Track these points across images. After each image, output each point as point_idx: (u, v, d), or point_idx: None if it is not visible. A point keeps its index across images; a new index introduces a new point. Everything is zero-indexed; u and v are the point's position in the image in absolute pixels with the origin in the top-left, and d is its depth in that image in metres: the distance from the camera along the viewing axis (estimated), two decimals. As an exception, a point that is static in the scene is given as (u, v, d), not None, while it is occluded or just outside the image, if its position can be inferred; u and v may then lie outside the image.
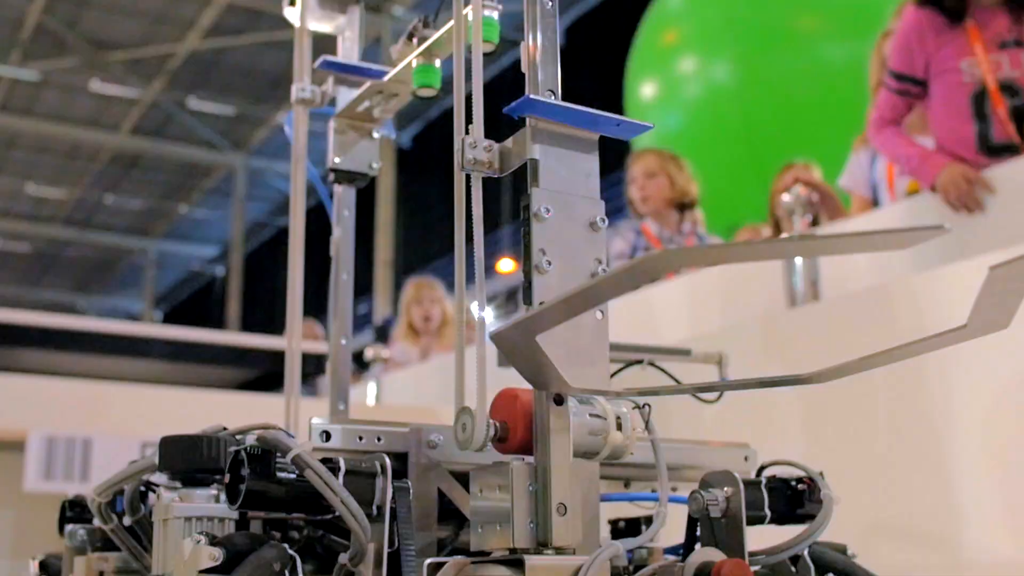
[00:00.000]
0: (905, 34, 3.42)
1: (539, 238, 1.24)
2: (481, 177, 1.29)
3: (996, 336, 2.18)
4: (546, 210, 1.25)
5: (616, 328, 1.30)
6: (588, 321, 1.26)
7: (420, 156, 15.93)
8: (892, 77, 3.45)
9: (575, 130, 1.30)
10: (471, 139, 1.28)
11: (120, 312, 25.10)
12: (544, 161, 1.27)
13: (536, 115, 1.28)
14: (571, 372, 1.19)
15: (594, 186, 1.30)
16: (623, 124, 1.31)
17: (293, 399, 1.80)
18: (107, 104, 16.56)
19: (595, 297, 1.09)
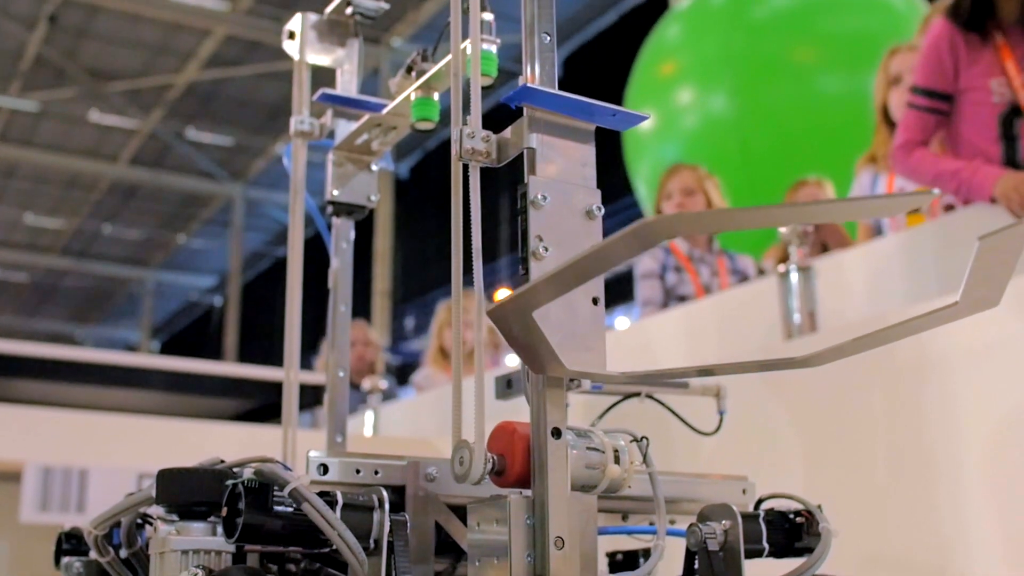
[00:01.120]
0: (935, 47, 3.32)
1: (536, 225, 1.25)
2: (479, 169, 1.30)
3: (997, 367, 2.18)
4: (543, 197, 1.26)
5: (614, 359, 1.30)
6: (584, 308, 1.27)
7: (418, 187, 15.96)
8: (920, 95, 3.34)
9: (572, 120, 1.32)
10: (469, 129, 1.30)
11: (117, 342, 25.07)
12: (541, 150, 1.28)
13: (533, 104, 1.29)
14: (568, 356, 1.19)
15: (591, 175, 1.31)
16: (619, 115, 1.33)
17: (291, 431, 1.80)
18: (106, 134, 16.60)
19: (593, 266, 1.09)
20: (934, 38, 3.33)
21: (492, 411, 1.24)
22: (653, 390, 1.74)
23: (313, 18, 2.01)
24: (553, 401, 1.23)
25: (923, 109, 3.33)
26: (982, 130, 3.25)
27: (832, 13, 6.42)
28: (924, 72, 3.35)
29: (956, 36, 3.27)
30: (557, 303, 1.21)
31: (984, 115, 3.25)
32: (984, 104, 3.25)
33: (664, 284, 4.48)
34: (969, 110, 3.29)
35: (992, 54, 3.24)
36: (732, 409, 1.85)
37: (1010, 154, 3.20)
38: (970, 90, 3.28)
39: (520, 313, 1.13)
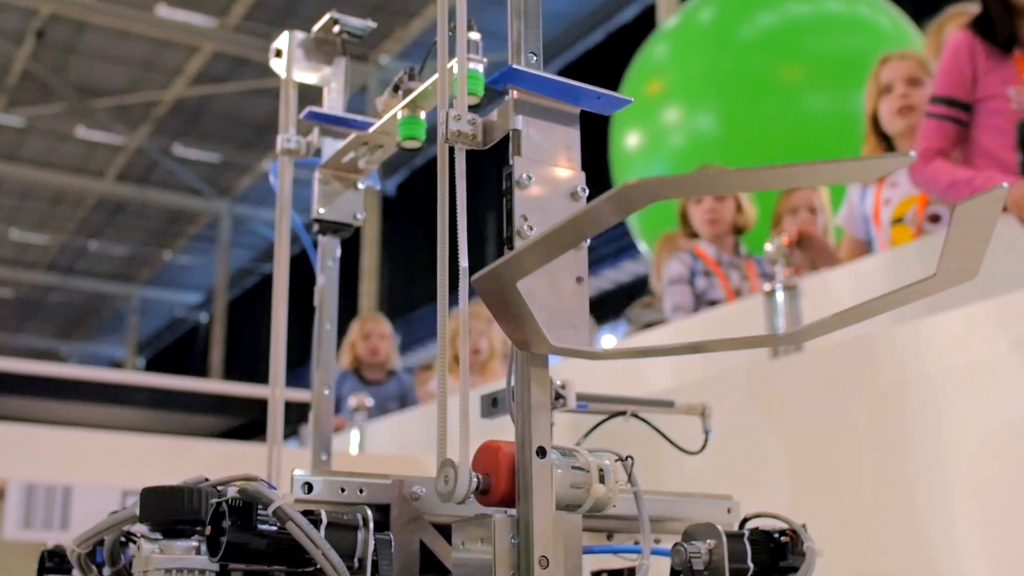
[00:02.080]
0: (954, 56, 3.33)
1: (521, 205, 1.26)
2: (465, 151, 1.31)
3: (981, 387, 2.19)
4: (528, 177, 1.27)
5: (602, 375, 1.31)
6: (568, 286, 1.27)
7: (405, 204, 15.96)
8: (941, 104, 3.34)
9: (557, 103, 1.32)
10: (455, 112, 1.30)
11: (102, 358, 25.00)
12: (526, 132, 1.29)
13: (518, 86, 1.30)
14: (552, 333, 1.20)
15: (575, 158, 1.32)
16: (603, 98, 1.34)
17: (275, 448, 1.79)
18: (92, 150, 16.59)
19: (578, 231, 1.09)
20: (954, 48, 3.35)
21: (477, 429, 1.23)
22: (638, 409, 1.74)
23: (300, 36, 2.01)
24: (537, 380, 1.23)
25: (942, 118, 3.33)
26: (999, 137, 3.26)
27: (819, 32, 6.45)
28: (943, 81, 3.36)
29: (976, 46, 3.30)
30: (542, 282, 1.23)
31: (1002, 123, 3.26)
32: (1002, 112, 3.27)
33: (694, 289, 4.42)
34: (986, 118, 3.30)
35: (1011, 65, 3.27)
36: (718, 428, 1.85)
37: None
38: (988, 98, 3.29)
39: (505, 282, 1.13)
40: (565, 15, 12.53)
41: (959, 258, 1.04)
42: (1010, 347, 2.19)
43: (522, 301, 1.15)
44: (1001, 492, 2.16)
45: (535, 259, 1.13)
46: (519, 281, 1.15)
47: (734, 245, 4.55)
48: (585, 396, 1.63)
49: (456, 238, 1.27)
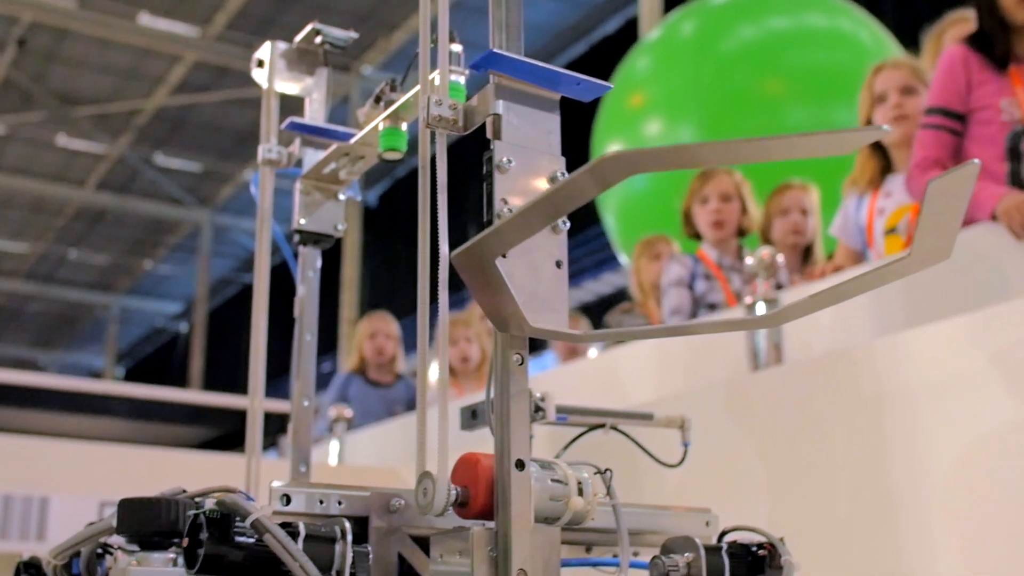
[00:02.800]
0: (950, 67, 3.36)
1: (501, 188, 1.26)
2: (446, 136, 1.31)
3: (960, 400, 2.20)
4: (508, 161, 1.27)
5: (584, 389, 1.31)
6: (548, 270, 1.28)
7: (387, 215, 15.94)
8: (937, 115, 3.36)
9: (537, 89, 1.33)
10: (436, 97, 1.31)
11: (82, 368, 24.88)
12: (507, 117, 1.30)
13: (499, 71, 1.30)
14: (532, 316, 1.20)
15: (555, 143, 1.33)
16: (583, 84, 1.34)
17: (254, 459, 1.79)
18: (73, 159, 16.52)
19: (557, 205, 1.10)
20: (949, 59, 3.38)
21: (457, 442, 1.23)
22: (617, 422, 1.74)
23: (282, 47, 2.01)
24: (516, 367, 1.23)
25: (938, 128, 3.35)
26: (989, 148, 3.27)
27: (800, 46, 6.47)
28: (938, 92, 3.39)
29: (971, 58, 3.33)
30: (521, 265, 1.23)
31: (992, 133, 3.28)
32: (993, 122, 3.29)
33: (693, 293, 4.35)
34: (978, 129, 3.32)
35: (1005, 78, 3.29)
36: (697, 441, 1.85)
37: (1016, 173, 3.22)
38: (980, 109, 3.31)
39: (485, 259, 1.13)
40: (548, 27, 12.56)
41: (932, 237, 1.05)
42: (988, 360, 2.20)
43: (501, 278, 1.15)
44: (978, 505, 2.16)
45: (515, 234, 1.14)
46: (499, 261, 1.16)
47: (737, 248, 4.47)
48: (565, 408, 1.63)
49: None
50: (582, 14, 12.70)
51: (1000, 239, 2.92)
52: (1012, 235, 2.91)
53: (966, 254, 3.03)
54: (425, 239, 1.29)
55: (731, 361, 3.17)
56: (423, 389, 1.31)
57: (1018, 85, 3.28)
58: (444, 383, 1.24)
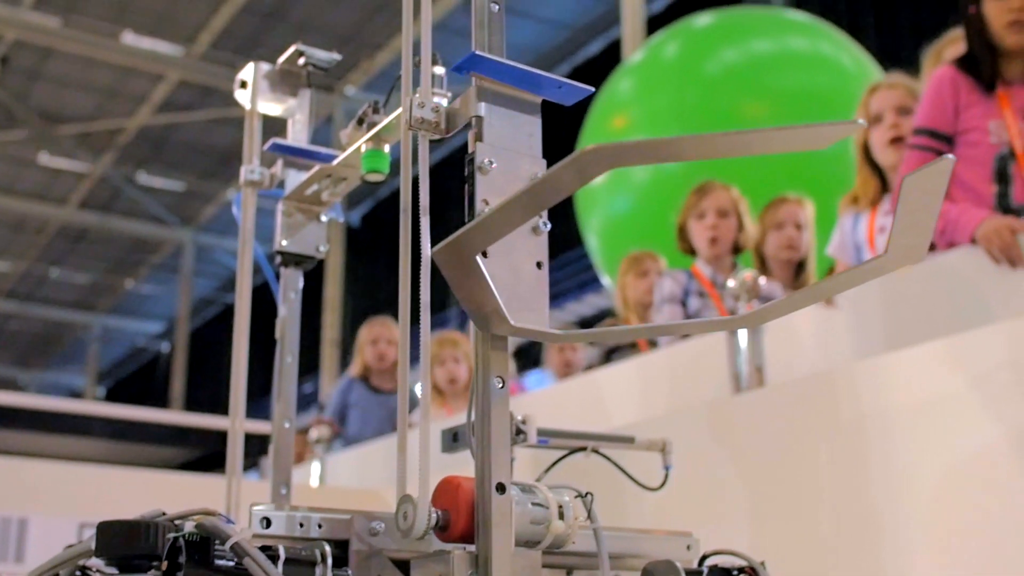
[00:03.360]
0: (937, 89, 3.37)
1: (482, 189, 1.27)
2: (428, 140, 1.32)
3: (940, 422, 2.20)
4: (489, 162, 1.28)
5: (566, 410, 1.31)
6: (528, 271, 1.29)
7: (369, 235, 15.93)
8: (924, 135, 3.36)
9: (519, 91, 1.34)
10: (419, 99, 1.31)
11: (62, 387, 24.76)
12: (489, 119, 1.31)
13: (481, 73, 1.31)
14: (513, 316, 1.20)
15: (536, 146, 1.34)
16: (565, 87, 1.35)
17: (235, 481, 1.78)
18: (55, 177, 16.47)
19: (538, 198, 1.10)
20: (937, 81, 3.38)
21: (438, 464, 1.23)
22: (599, 445, 1.74)
23: (265, 68, 2.01)
24: (496, 362, 1.23)
25: (924, 149, 3.35)
26: (977, 170, 3.28)
27: (782, 70, 6.50)
28: (926, 113, 3.39)
29: (959, 80, 3.34)
30: (502, 265, 1.24)
31: (980, 155, 3.29)
32: (981, 144, 3.29)
33: (686, 310, 4.30)
34: (965, 150, 3.32)
35: (993, 101, 3.31)
36: (679, 464, 1.85)
37: (1003, 196, 3.23)
38: (968, 131, 3.32)
39: (466, 254, 1.14)
40: (531, 48, 12.59)
41: (908, 235, 1.05)
42: (968, 384, 2.21)
43: (483, 274, 1.16)
44: (959, 527, 2.17)
45: (497, 228, 1.14)
46: (481, 260, 1.16)
47: (732, 265, 4.39)
48: (546, 432, 1.63)
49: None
50: (565, 36, 12.75)
51: (980, 263, 2.93)
52: (991, 259, 2.92)
53: (946, 278, 3.04)
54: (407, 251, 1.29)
55: (713, 383, 3.17)
56: (403, 411, 1.31)
57: (1006, 108, 3.29)
58: (426, 407, 1.24)
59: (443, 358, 5.36)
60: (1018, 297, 2.85)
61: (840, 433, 2.43)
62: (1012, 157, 3.25)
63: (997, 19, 3.28)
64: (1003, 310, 2.83)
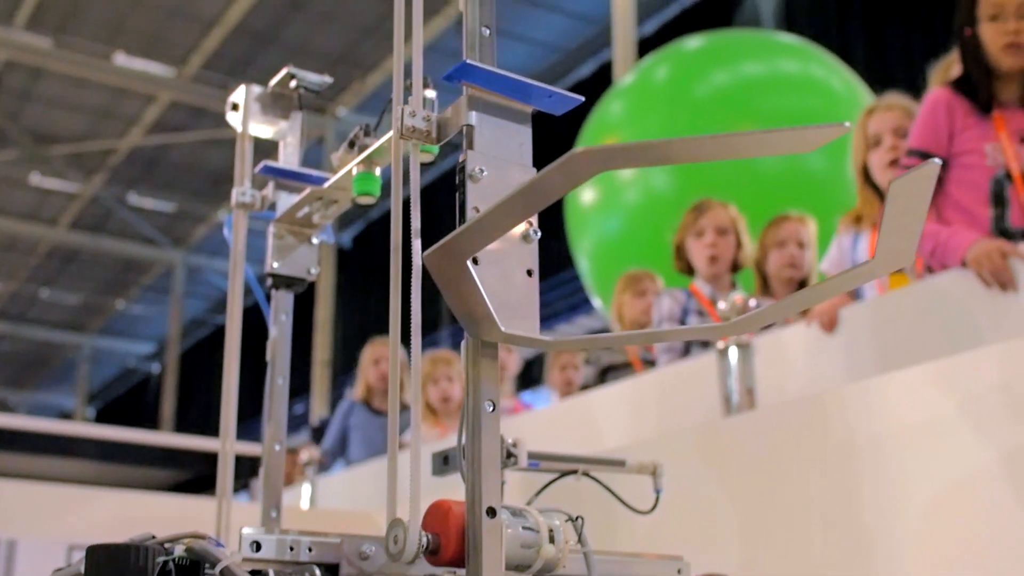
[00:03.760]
0: (932, 111, 3.36)
1: (473, 197, 1.27)
2: (420, 148, 1.33)
3: (931, 445, 2.20)
4: (480, 171, 1.29)
5: (557, 432, 1.31)
6: (519, 278, 1.29)
7: (360, 256, 15.93)
8: (916, 157, 3.34)
9: (510, 101, 1.35)
10: (410, 108, 1.32)
11: (52, 408, 24.69)
12: (480, 128, 1.31)
13: (472, 82, 1.32)
14: (503, 322, 1.21)
15: (527, 155, 1.35)
16: (555, 96, 1.36)
17: (225, 503, 1.78)
18: (46, 198, 16.47)
19: (528, 202, 1.10)
20: (932, 103, 3.38)
21: (428, 487, 1.23)
22: (590, 468, 1.74)
23: (257, 90, 2.01)
24: (487, 373, 1.23)
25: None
26: (973, 192, 3.28)
27: (772, 92, 6.53)
28: (920, 135, 3.39)
29: (955, 102, 3.34)
30: (493, 273, 1.25)
31: (976, 178, 3.29)
32: (977, 167, 3.29)
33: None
34: (961, 173, 3.32)
35: (988, 123, 3.30)
36: (670, 486, 1.85)
37: (999, 219, 3.23)
38: (964, 153, 3.32)
39: (457, 259, 1.14)
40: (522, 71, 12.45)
41: (895, 240, 1.05)
42: (959, 406, 2.21)
43: (473, 279, 1.16)
44: (950, 549, 2.17)
45: (488, 232, 1.14)
46: (472, 268, 1.16)
47: (731, 284, 4.36)
48: (537, 455, 1.63)
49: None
50: (556, 59, 12.79)
51: (970, 286, 2.94)
52: (982, 282, 2.92)
53: (936, 301, 3.05)
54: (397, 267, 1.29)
55: (704, 405, 3.18)
56: (393, 434, 1.31)
57: (1001, 131, 3.29)
58: (416, 431, 1.24)
59: (436, 376, 5.33)
60: (1009, 320, 2.85)
61: (831, 456, 2.43)
62: (1008, 180, 3.25)
63: (993, 42, 3.29)
64: (994, 333, 2.83)
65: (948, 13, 3.52)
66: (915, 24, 8.95)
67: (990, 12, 3.30)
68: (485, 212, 1.12)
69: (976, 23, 3.32)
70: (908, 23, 9.06)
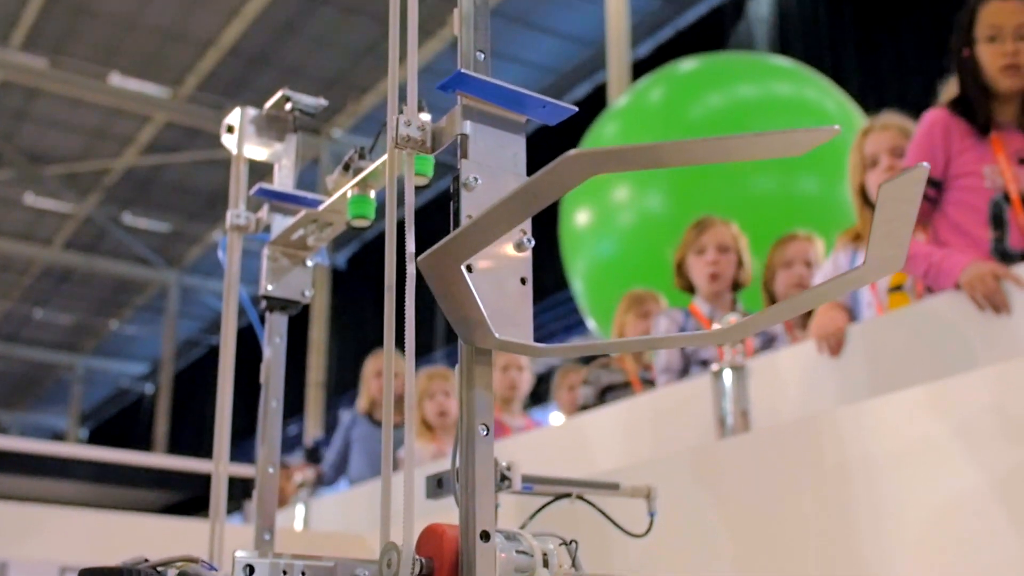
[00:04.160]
0: (928, 133, 3.36)
1: (467, 205, 1.28)
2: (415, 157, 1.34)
3: (924, 468, 2.20)
4: (475, 179, 1.30)
5: (552, 454, 1.31)
6: (513, 286, 1.29)
7: (355, 278, 15.92)
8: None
9: (504, 111, 1.36)
10: (405, 117, 1.33)
11: (45, 429, 24.62)
12: (474, 137, 1.32)
13: (467, 92, 1.33)
14: (496, 329, 1.21)
15: (520, 164, 1.36)
16: (549, 106, 1.37)
17: (218, 525, 1.77)
18: (40, 218, 16.45)
19: (522, 205, 1.11)
20: (929, 125, 3.38)
21: (422, 510, 1.23)
22: (584, 491, 1.74)
23: (252, 113, 2.02)
24: (480, 381, 1.23)
25: None
26: (972, 214, 3.28)
27: (766, 115, 6.54)
28: (915, 156, 3.38)
29: (952, 123, 3.34)
30: (487, 281, 1.25)
31: (975, 200, 3.29)
32: (976, 189, 3.29)
33: (683, 349, 4.22)
34: (960, 195, 3.31)
35: (986, 145, 3.30)
36: (664, 509, 1.84)
37: (999, 241, 3.23)
38: (962, 175, 3.31)
39: (451, 263, 1.14)
40: (517, 92, 12.63)
41: (886, 245, 1.05)
42: (951, 430, 2.21)
43: (467, 284, 1.16)
44: (944, 572, 2.16)
45: (482, 236, 1.15)
46: (466, 276, 1.17)
47: (732, 302, 4.31)
48: (531, 478, 1.63)
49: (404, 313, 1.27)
50: (551, 80, 12.82)
51: (964, 308, 2.94)
52: (976, 305, 2.92)
53: (930, 323, 3.05)
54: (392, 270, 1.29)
55: (699, 428, 3.17)
56: (388, 456, 1.30)
57: (999, 152, 3.29)
58: (410, 454, 1.24)
59: (432, 391, 5.29)
60: (1002, 343, 2.86)
61: (825, 478, 2.43)
62: (1007, 202, 3.24)
63: (991, 63, 3.30)
64: (987, 356, 2.83)
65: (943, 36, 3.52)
66: (909, 47, 8.99)
67: (988, 33, 3.31)
68: (479, 215, 1.13)
69: (974, 44, 3.32)
70: (902, 46, 9.10)
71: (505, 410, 5.38)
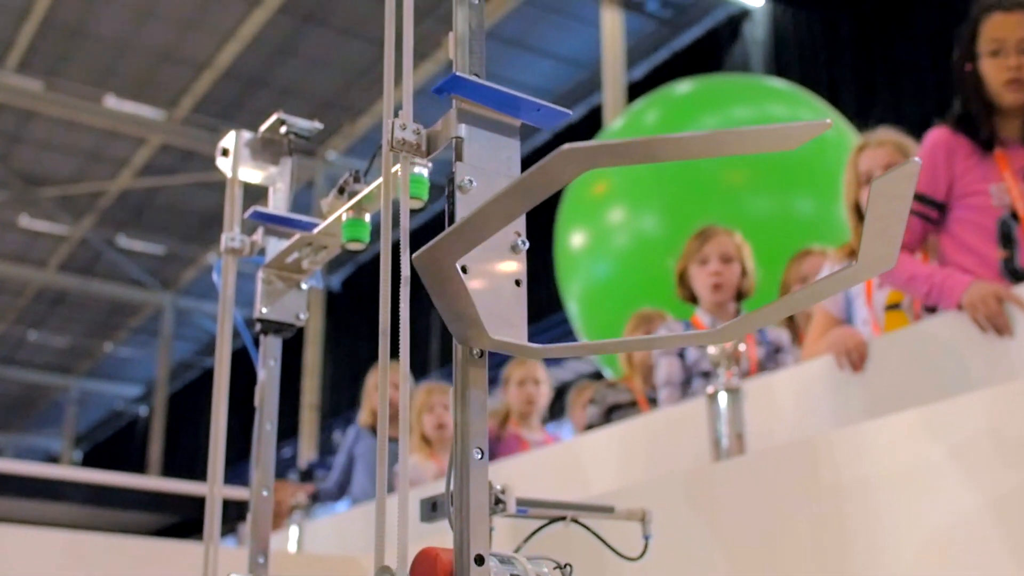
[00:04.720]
0: (931, 154, 3.32)
1: (463, 207, 1.28)
2: (409, 162, 1.34)
3: (920, 491, 2.20)
4: (469, 182, 1.30)
5: (545, 477, 1.30)
6: (508, 288, 1.29)
7: (349, 300, 15.92)
8: (913, 200, 3.23)
9: (499, 115, 1.36)
10: (400, 121, 1.33)
11: (39, 451, 24.57)
12: (469, 140, 1.33)
13: (461, 95, 1.33)
14: (491, 330, 1.21)
15: (515, 167, 1.36)
16: (543, 110, 1.38)
17: (212, 548, 1.77)
18: (35, 240, 16.46)
19: (516, 201, 1.10)
20: (932, 145, 3.35)
21: (417, 533, 1.22)
22: (578, 514, 1.73)
23: (247, 136, 2.02)
24: (475, 383, 1.23)
25: (913, 213, 3.29)
26: (980, 233, 3.26)
27: (761, 137, 6.55)
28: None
29: (955, 143, 3.31)
30: (481, 282, 1.26)
31: (982, 219, 3.26)
32: (983, 208, 3.26)
33: (684, 361, 4.17)
34: (967, 214, 3.29)
35: (991, 163, 3.28)
36: (659, 532, 1.84)
37: (1009, 260, 3.21)
38: (969, 195, 3.29)
39: (445, 261, 1.14)
40: (512, 114, 12.66)
41: (878, 243, 1.05)
42: (947, 452, 2.21)
43: (462, 283, 1.16)
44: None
45: (476, 232, 1.14)
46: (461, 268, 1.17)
47: (735, 313, 4.24)
48: (525, 501, 1.62)
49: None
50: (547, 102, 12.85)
51: (965, 330, 2.93)
52: (977, 326, 2.90)
53: (930, 345, 3.05)
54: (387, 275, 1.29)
55: (693, 450, 3.17)
56: (382, 479, 1.30)
57: (1004, 169, 3.26)
58: (404, 478, 1.23)
59: (432, 404, 5.25)
60: (1004, 364, 2.85)
61: (821, 501, 2.42)
62: (1015, 220, 3.21)
63: (994, 78, 3.27)
64: (988, 378, 2.83)
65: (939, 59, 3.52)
66: (904, 69, 9.03)
67: (991, 47, 3.28)
68: (474, 212, 1.13)
69: (976, 59, 3.29)
70: (897, 68, 9.14)
71: (523, 425, 5.36)
